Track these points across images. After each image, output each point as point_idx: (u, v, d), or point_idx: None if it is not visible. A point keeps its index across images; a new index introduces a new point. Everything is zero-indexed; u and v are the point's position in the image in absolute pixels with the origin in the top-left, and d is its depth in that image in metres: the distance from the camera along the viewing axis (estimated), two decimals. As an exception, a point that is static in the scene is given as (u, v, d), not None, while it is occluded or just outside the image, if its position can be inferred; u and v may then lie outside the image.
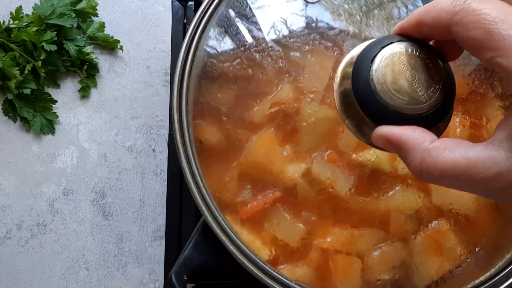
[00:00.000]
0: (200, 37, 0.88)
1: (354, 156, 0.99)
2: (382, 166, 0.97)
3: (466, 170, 0.49)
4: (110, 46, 1.18)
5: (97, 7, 1.18)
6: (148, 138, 1.17)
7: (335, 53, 1.01)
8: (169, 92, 1.17)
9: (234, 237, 0.82)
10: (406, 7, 0.93)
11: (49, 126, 1.15)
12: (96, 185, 1.15)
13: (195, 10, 1.02)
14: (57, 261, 1.13)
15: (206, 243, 0.85)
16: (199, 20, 0.87)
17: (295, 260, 0.94)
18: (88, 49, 1.16)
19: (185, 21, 1.12)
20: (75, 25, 1.18)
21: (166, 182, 1.10)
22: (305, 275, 0.92)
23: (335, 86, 0.65)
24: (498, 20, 0.47)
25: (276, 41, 1.01)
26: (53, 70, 1.15)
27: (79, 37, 1.16)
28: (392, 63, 0.56)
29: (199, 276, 1.01)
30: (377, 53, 0.57)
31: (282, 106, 0.97)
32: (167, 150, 1.15)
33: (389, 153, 0.98)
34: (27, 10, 1.16)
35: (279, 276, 0.81)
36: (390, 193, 0.98)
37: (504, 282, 0.84)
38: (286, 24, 1.01)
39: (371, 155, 0.99)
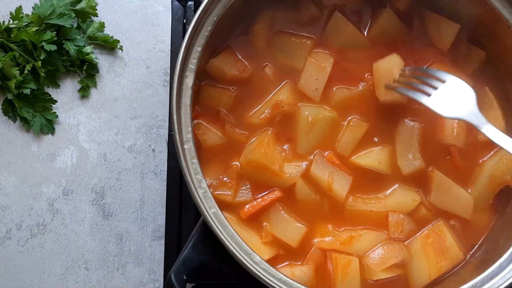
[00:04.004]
0: (199, 37, 0.88)
1: (353, 157, 0.99)
2: (382, 168, 0.97)
3: None
4: (110, 46, 1.18)
5: (97, 7, 1.18)
6: (148, 138, 1.17)
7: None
8: (168, 92, 1.17)
9: (234, 237, 0.82)
10: None
11: (49, 126, 1.15)
12: (96, 185, 1.15)
13: (195, 10, 1.02)
14: (57, 261, 1.13)
15: (206, 243, 0.85)
16: (198, 20, 0.87)
17: (295, 260, 0.95)
18: (88, 49, 1.16)
19: (185, 21, 1.12)
20: (75, 25, 1.18)
21: (166, 182, 1.10)
22: (305, 274, 0.92)
23: None
24: None
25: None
26: (53, 70, 1.15)
27: (79, 37, 1.16)
28: None
29: (198, 276, 1.01)
30: None
31: (282, 107, 0.97)
32: (166, 150, 1.15)
33: (389, 154, 0.98)
34: (27, 10, 1.16)
35: (279, 276, 0.81)
36: (388, 192, 0.99)
37: (502, 283, 0.84)
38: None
39: (371, 157, 0.99)
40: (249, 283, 0.84)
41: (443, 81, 0.89)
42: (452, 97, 0.88)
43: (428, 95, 0.89)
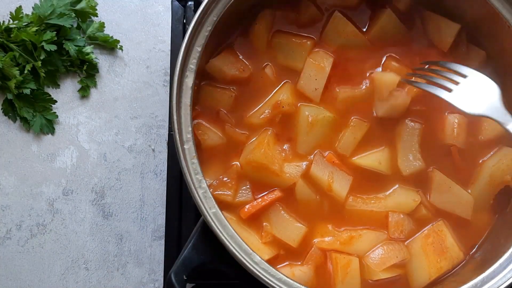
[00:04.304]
0: (199, 37, 0.88)
1: (353, 158, 0.99)
2: (382, 169, 0.97)
3: None
4: (110, 46, 1.18)
5: (97, 7, 1.18)
6: (148, 138, 1.17)
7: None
8: (168, 92, 1.17)
9: (234, 237, 0.82)
10: None
11: (48, 126, 1.15)
12: (96, 185, 1.15)
13: (195, 10, 1.02)
14: (57, 261, 1.13)
15: (206, 242, 0.85)
16: (198, 20, 0.87)
17: (295, 260, 0.95)
18: (88, 49, 1.16)
19: (185, 21, 1.12)
20: (75, 25, 1.18)
21: (166, 182, 1.10)
22: (305, 274, 0.92)
23: None
24: None
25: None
26: (53, 70, 1.15)
27: (79, 37, 1.16)
28: None
29: (198, 276, 1.01)
30: None
31: (282, 107, 0.97)
32: (166, 150, 1.15)
33: (389, 155, 0.98)
34: (27, 10, 1.16)
35: (279, 276, 0.81)
36: (388, 192, 0.98)
37: (502, 283, 0.84)
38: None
39: (371, 158, 0.98)
40: (249, 283, 0.84)
41: (465, 76, 0.85)
42: (475, 93, 0.84)
43: (449, 90, 0.85)
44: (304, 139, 0.97)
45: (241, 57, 1.00)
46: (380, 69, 1.00)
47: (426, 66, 0.93)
